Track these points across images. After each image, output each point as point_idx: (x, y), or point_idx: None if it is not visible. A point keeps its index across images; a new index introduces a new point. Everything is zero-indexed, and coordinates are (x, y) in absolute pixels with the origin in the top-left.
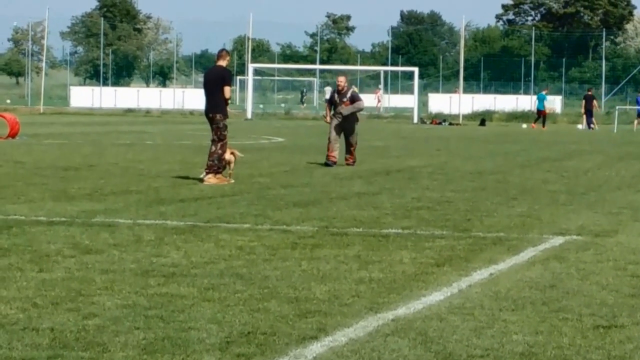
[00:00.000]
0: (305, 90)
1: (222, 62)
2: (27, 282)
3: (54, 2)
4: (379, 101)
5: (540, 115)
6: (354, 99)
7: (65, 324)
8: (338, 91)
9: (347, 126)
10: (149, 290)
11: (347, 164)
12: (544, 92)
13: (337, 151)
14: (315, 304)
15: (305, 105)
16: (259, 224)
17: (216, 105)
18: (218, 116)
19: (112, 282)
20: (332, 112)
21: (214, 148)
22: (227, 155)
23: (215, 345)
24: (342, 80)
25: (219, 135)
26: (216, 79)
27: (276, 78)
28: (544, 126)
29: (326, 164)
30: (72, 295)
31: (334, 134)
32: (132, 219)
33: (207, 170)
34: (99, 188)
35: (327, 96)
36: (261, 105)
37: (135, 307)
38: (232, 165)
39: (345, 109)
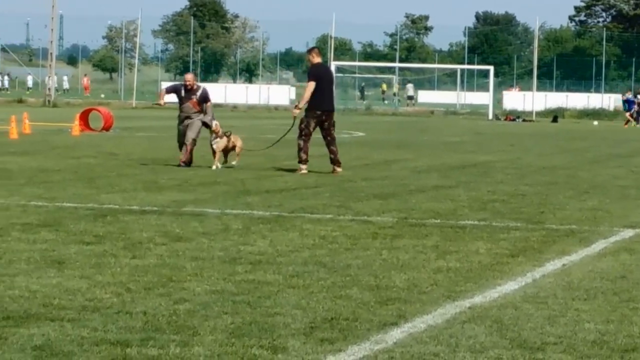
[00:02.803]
0: (363, 86)
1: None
2: (121, 268)
3: (147, 2)
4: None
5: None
6: None
7: (157, 308)
8: None
9: None
10: (237, 276)
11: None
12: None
13: None
14: (395, 292)
15: (365, 101)
16: (341, 215)
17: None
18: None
19: (201, 268)
20: None
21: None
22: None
23: (300, 330)
24: None
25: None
26: (332, 77)
27: (357, 75)
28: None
29: None
30: (163, 280)
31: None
32: (220, 208)
33: (339, 164)
34: (188, 179)
35: (410, 93)
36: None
37: (224, 293)
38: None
39: None
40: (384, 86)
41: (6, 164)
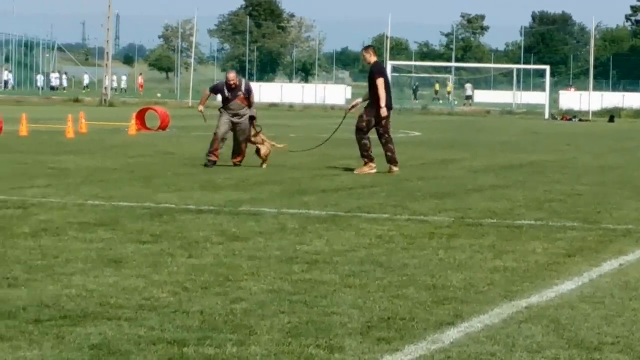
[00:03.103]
0: (417, 86)
1: None
2: (178, 268)
3: (203, 1)
4: None
5: None
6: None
7: (214, 308)
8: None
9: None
10: (293, 276)
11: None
12: None
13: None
14: (452, 292)
15: (417, 100)
16: (397, 215)
17: None
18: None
19: (258, 268)
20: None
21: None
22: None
23: (357, 329)
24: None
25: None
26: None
27: (413, 75)
28: None
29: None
30: (220, 280)
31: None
32: (277, 208)
33: (396, 163)
34: (245, 179)
35: (469, 92)
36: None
37: (281, 293)
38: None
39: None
40: (437, 86)
41: (63, 163)
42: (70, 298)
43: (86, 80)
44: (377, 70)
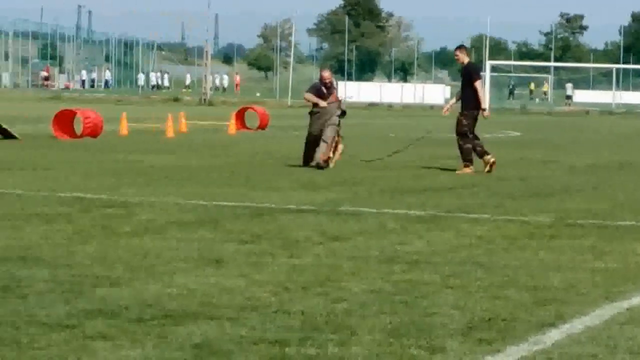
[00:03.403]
0: (513, 85)
1: None
2: (279, 267)
3: (302, 0)
4: None
5: None
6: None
7: (315, 308)
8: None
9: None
10: (394, 276)
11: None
12: None
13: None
14: (553, 292)
15: (513, 100)
16: (497, 215)
17: None
18: None
19: (358, 268)
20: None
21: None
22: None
23: (458, 330)
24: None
25: None
26: None
27: (512, 75)
28: None
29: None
30: (321, 280)
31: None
32: (377, 208)
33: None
34: (345, 178)
35: (569, 92)
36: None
37: (381, 293)
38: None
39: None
40: (532, 85)
41: (163, 162)
42: (171, 297)
43: (188, 79)
44: (474, 71)
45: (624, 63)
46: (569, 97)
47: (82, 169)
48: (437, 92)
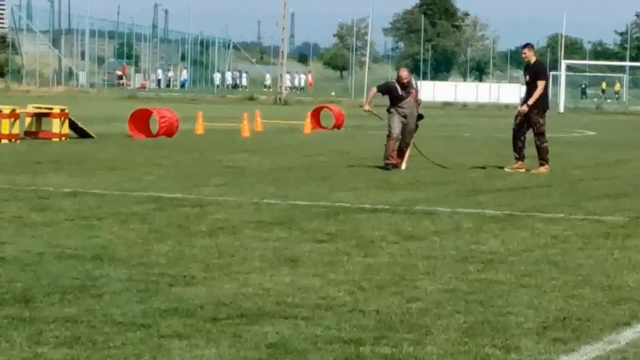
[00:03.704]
0: (585, 85)
1: None
2: (354, 267)
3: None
4: None
5: None
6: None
7: (390, 307)
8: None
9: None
10: (469, 275)
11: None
12: None
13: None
14: (628, 292)
15: (586, 99)
16: (572, 214)
17: None
18: None
19: (433, 267)
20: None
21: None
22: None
23: (533, 329)
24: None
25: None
26: None
27: (587, 74)
28: None
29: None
30: (396, 279)
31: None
32: (451, 207)
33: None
34: (420, 178)
35: None
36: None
37: (456, 292)
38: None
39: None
40: (604, 85)
41: (239, 161)
42: (246, 296)
43: (268, 79)
44: (542, 71)
45: None
46: None
47: (158, 168)
48: (513, 92)
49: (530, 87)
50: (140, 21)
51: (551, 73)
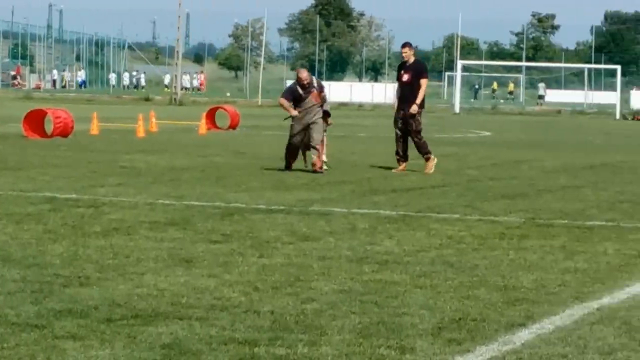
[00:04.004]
0: (478, 86)
1: None
2: (249, 267)
3: (273, 0)
4: None
5: None
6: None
7: (284, 308)
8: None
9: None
10: (364, 276)
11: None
12: None
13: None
14: (523, 292)
15: (476, 99)
16: (467, 215)
17: None
18: None
19: (328, 268)
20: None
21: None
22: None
23: (428, 330)
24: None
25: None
26: None
27: (483, 74)
28: None
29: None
30: (290, 280)
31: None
32: (347, 208)
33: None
34: (315, 178)
35: (541, 92)
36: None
37: (351, 293)
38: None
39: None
40: (495, 85)
41: (134, 162)
42: (141, 297)
43: (167, 79)
44: (425, 70)
45: (595, 63)
46: (541, 97)
47: (53, 168)
48: None
49: (410, 86)
50: (34, 21)
51: (447, 73)
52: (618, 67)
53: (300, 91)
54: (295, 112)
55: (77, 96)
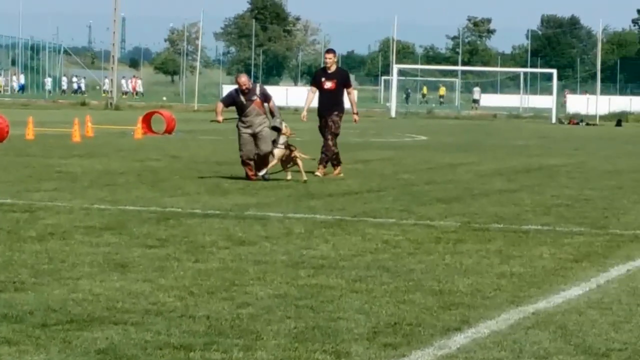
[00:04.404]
0: (409, 90)
1: None
2: (184, 272)
3: (208, 4)
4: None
5: None
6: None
7: (220, 312)
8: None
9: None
10: (300, 281)
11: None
12: None
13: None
14: (459, 297)
15: (408, 104)
16: (403, 219)
17: None
18: None
19: (264, 272)
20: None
21: None
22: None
23: (363, 335)
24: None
25: None
26: None
27: (419, 79)
28: None
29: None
30: (226, 284)
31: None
32: (283, 212)
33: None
34: (251, 183)
35: (476, 96)
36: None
37: (287, 297)
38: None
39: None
40: (425, 89)
41: (69, 166)
42: (76, 302)
43: (107, 84)
44: (348, 77)
45: (531, 67)
46: (475, 101)
47: None
48: (344, 96)
49: (334, 94)
50: None
51: (383, 78)
52: (554, 71)
53: (242, 98)
54: (219, 119)
55: (12, 101)
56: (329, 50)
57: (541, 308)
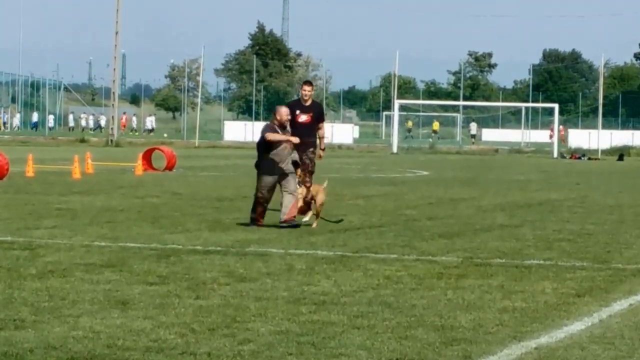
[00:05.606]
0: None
1: None
2: (185, 309)
3: (209, 40)
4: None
5: None
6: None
7: (221, 349)
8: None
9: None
10: (301, 317)
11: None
12: None
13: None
14: (461, 332)
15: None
16: (405, 255)
17: None
18: None
19: (265, 309)
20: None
21: None
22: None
23: None
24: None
25: None
26: None
27: (421, 114)
28: None
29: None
30: (227, 321)
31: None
32: (284, 248)
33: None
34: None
35: (473, 131)
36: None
37: (288, 334)
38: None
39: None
40: (410, 123)
41: (70, 203)
42: (77, 340)
43: (103, 120)
44: (323, 112)
45: (533, 101)
46: (473, 136)
47: None
48: (346, 132)
49: (308, 127)
50: None
51: (384, 113)
52: (555, 106)
53: (279, 132)
54: (296, 139)
55: (11, 138)
56: (307, 82)
57: (543, 343)
